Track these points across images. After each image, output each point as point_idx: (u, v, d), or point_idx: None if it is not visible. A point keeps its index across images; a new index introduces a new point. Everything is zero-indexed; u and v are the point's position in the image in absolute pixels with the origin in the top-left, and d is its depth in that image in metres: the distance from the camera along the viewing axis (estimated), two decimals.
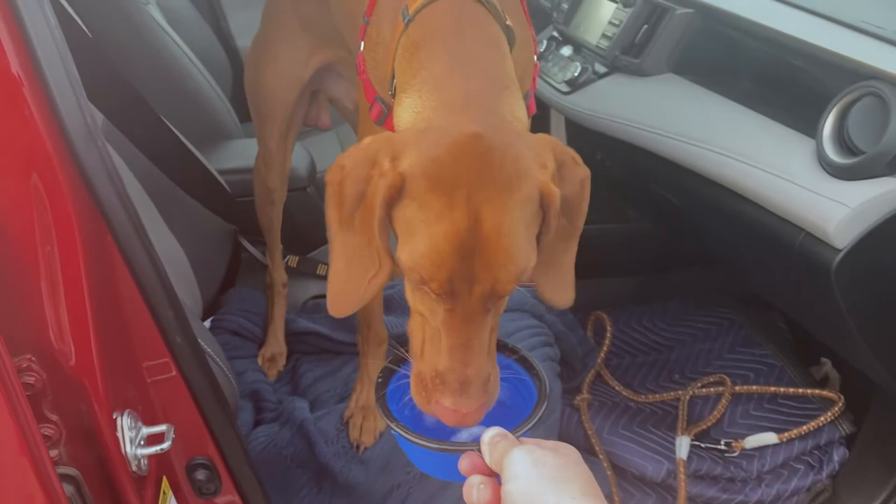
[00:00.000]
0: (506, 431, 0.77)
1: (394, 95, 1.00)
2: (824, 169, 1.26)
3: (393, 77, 1.00)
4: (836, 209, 1.21)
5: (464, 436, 0.90)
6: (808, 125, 1.33)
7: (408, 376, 0.94)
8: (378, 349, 1.38)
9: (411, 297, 0.86)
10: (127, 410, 0.92)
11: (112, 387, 0.89)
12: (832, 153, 1.25)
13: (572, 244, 0.94)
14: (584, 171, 0.91)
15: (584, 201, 0.92)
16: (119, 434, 0.90)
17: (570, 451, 0.73)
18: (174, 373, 0.99)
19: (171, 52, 2.01)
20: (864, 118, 1.23)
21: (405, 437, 0.84)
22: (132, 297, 0.93)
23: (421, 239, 0.79)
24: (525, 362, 0.94)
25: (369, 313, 1.35)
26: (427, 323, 0.84)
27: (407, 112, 0.92)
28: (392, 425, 0.86)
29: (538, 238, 0.85)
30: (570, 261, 0.94)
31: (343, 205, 0.86)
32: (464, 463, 0.77)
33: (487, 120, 0.85)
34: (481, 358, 0.82)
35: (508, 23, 1.00)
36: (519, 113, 0.94)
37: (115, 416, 0.89)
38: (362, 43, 1.13)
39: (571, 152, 0.91)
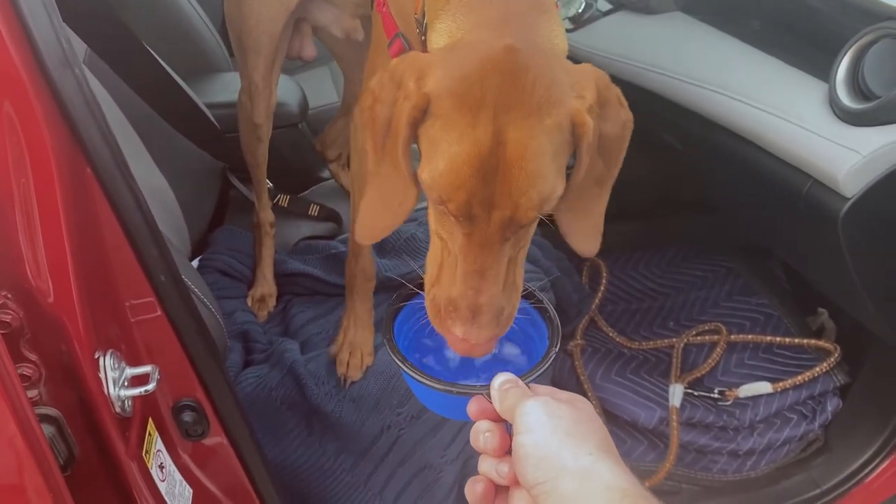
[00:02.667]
0: (516, 378, 0.74)
1: (423, 33, 0.95)
2: (836, 114, 1.22)
3: (423, 15, 0.94)
4: (846, 156, 1.17)
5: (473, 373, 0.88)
6: (821, 68, 1.27)
7: (415, 311, 0.92)
8: (365, 285, 1.35)
9: (432, 219, 0.84)
10: (109, 350, 0.89)
11: (93, 325, 0.86)
12: (845, 98, 1.21)
13: (605, 190, 0.90)
14: (627, 114, 0.87)
15: (623, 145, 0.87)
16: (101, 374, 0.87)
17: (585, 405, 0.71)
18: (159, 312, 0.96)
19: None
20: (881, 61, 1.18)
21: (412, 376, 0.81)
22: (114, 234, 0.89)
23: (442, 157, 0.75)
24: (533, 298, 0.91)
25: (358, 248, 1.32)
26: (446, 247, 0.81)
27: (440, 36, 0.88)
28: (399, 363, 0.83)
29: (568, 174, 0.81)
30: (601, 208, 0.90)
31: (376, 130, 0.84)
32: (472, 407, 0.75)
33: (525, 38, 0.79)
34: (495, 287, 0.79)
35: None
36: (559, 39, 0.89)
37: (97, 356, 0.86)
38: None
39: (618, 91, 0.86)
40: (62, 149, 0.81)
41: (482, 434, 0.72)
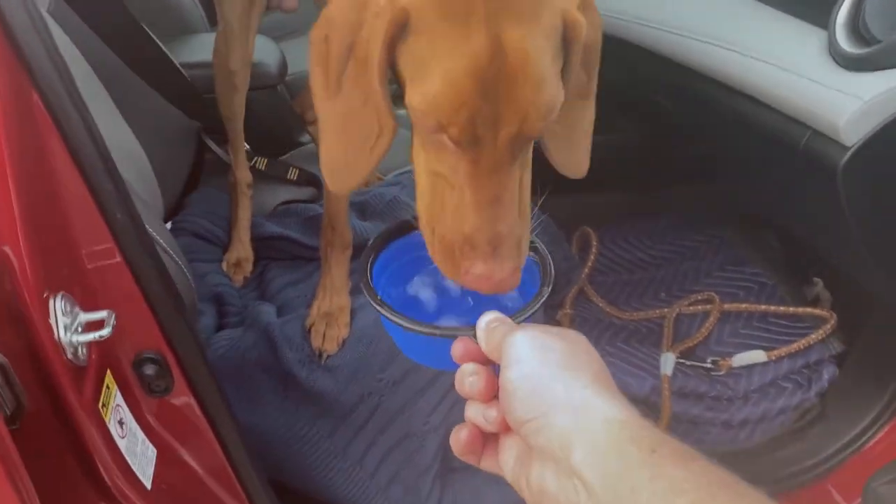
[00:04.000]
0: (504, 316, 0.68)
1: None
2: (836, 60, 1.16)
3: None
4: (847, 103, 1.12)
5: (454, 321, 0.81)
6: (819, 16, 1.22)
7: (401, 251, 0.85)
8: (342, 254, 1.29)
9: (423, 154, 0.75)
10: (61, 293, 0.83)
11: (42, 266, 0.79)
12: (845, 43, 1.15)
13: (590, 103, 0.84)
14: (599, 18, 0.81)
15: (599, 51, 0.81)
16: (52, 319, 0.81)
17: (579, 338, 0.64)
18: (118, 258, 0.90)
19: None
20: (882, 4, 1.13)
21: (391, 320, 0.75)
22: (66, 168, 0.83)
23: (435, 77, 0.67)
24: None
25: (335, 213, 1.25)
26: (445, 181, 0.73)
27: None
28: (378, 307, 0.76)
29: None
30: (588, 122, 0.85)
31: (330, 64, 0.75)
32: (457, 348, 0.68)
33: None
34: (513, 213, 0.72)
35: None
36: None
37: (46, 295, 0.80)
38: None
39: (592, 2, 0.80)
40: (5, 71, 0.75)
41: (468, 377, 0.65)
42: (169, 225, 1.56)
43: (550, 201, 0.94)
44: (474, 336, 0.68)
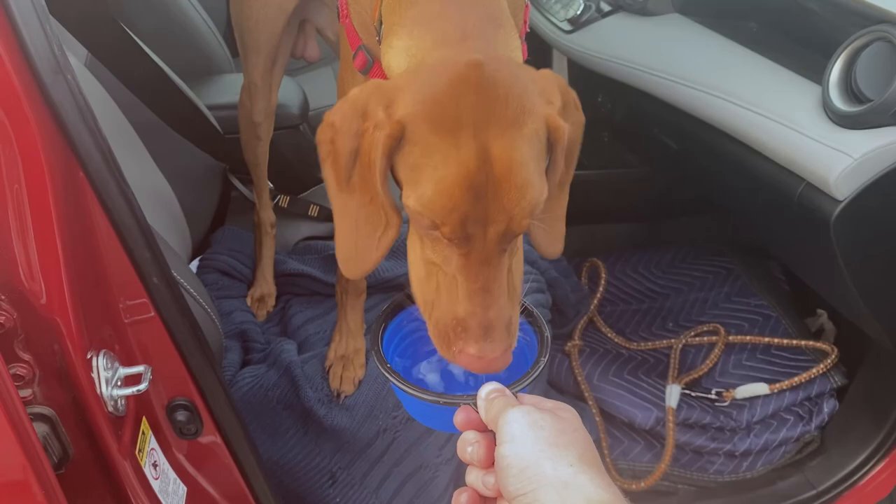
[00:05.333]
0: (503, 387, 0.75)
1: (381, 42, 0.95)
2: (829, 117, 1.22)
3: (380, 23, 0.95)
4: (838, 159, 1.17)
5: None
6: (815, 71, 1.28)
7: (405, 322, 0.92)
8: (356, 300, 1.36)
9: (418, 246, 0.83)
10: (103, 350, 0.91)
11: (86, 326, 0.88)
12: (838, 100, 1.21)
13: (565, 192, 0.91)
14: (582, 116, 0.89)
15: (579, 145, 0.89)
16: (94, 374, 0.89)
17: (570, 415, 0.71)
18: (152, 313, 0.98)
19: None
20: (873, 64, 1.18)
21: (400, 388, 0.82)
22: (107, 236, 0.91)
23: (429, 182, 0.75)
24: (526, 312, 0.92)
25: None
26: (439, 270, 0.81)
27: (399, 56, 0.88)
28: (387, 374, 0.84)
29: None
30: (562, 209, 0.92)
31: (339, 164, 0.83)
32: (459, 417, 0.75)
33: (486, 53, 0.80)
34: (502, 300, 0.79)
35: None
36: (516, 52, 0.90)
37: (89, 356, 0.88)
38: None
39: (574, 94, 0.88)
40: (55, 153, 0.83)
41: (469, 445, 0.72)
42: (197, 262, 1.64)
43: None
44: (475, 405, 0.75)
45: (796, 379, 1.64)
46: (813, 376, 1.63)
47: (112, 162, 0.87)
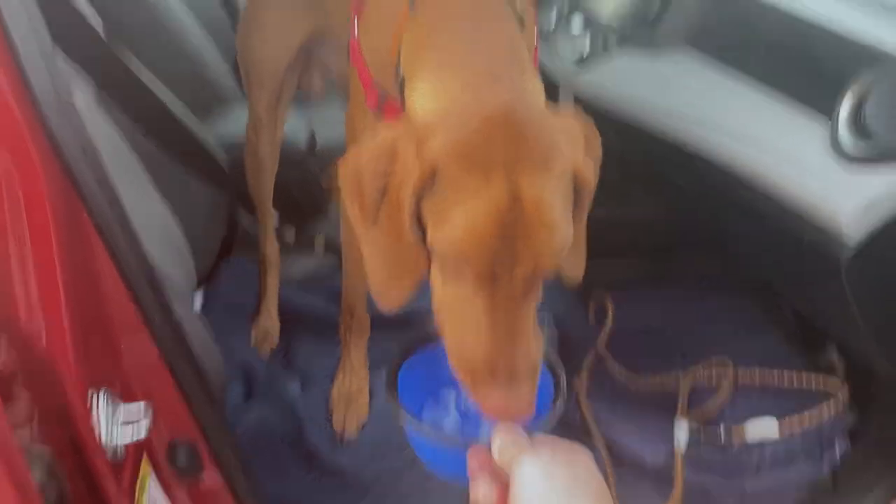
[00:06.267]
0: (518, 429, 0.74)
1: (399, 85, 0.96)
2: (839, 155, 1.21)
3: (398, 65, 0.96)
4: (849, 200, 1.16)
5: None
6: (825, 103, 1.26)
7: (418, 363, 0.91)
8: (360, 337, 1.35)
9: (442, 286, 0.82)
10: (102, 389, 0.89)
11: (86, 367, 0.87)
12: (848, 138, 1.20)
13: (584, 223, 0.91)
14: (599, 150, 0.90)
15: (596, 180, 0.89)
16: (94, 415, 0.88)
17: (585, 458, 0.70)
18: (154, 353, 0.97)
19: (172, 15, 1.96)
20: (884, 102, 1.17)
21: (413, 429, 0.82)
22: (109, 275, 0.90)
23: (458, 221, 0.75)
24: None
25: (353, 301, 1.31)
26: (465, 311, 0.80)
27: (426, 98, 0.88)
28: (401, 417, 0.83)
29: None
30: (582, 239, 0.93)
31: (364, 202, 0.83)
32: (472, 461, 0.74)
33: (515, 95, 0.81)
34: (528, 343, 0.79)
35: (518, 8, 0.96)
36: (539, 94, 0.91)
37: (90, 396, 0.87)
38: (356, 27, 1.08)
39: (594, 130, 0.89)
40: (58, 194, 0.82)
41: (482, 488, 0.71)
42: (201, 296, 1.63)
43: None
44: (489, 446, 0.73)
45: (807, 416, 1.61)
46: (824, 413, 1.60)
47: (115, 201, 0.86)
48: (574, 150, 0.81)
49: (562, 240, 0.77)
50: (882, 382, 1.57)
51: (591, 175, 0.81)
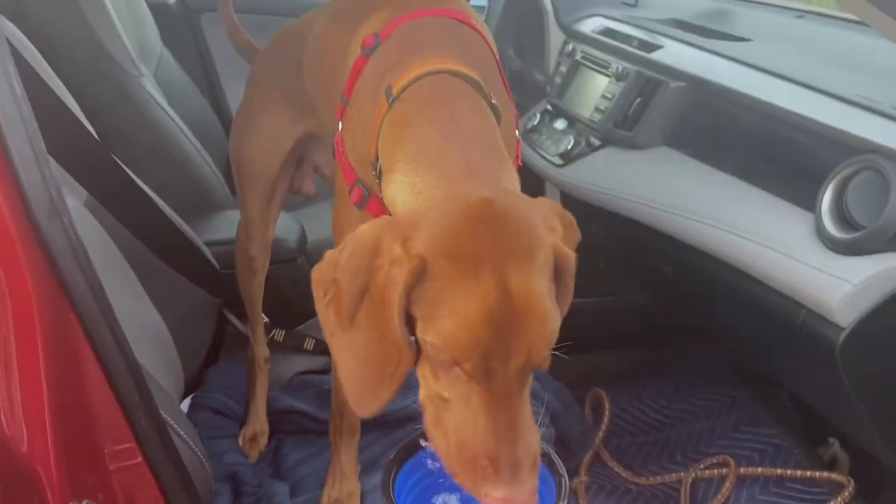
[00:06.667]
0: None
1: (378, 177, 0.97)
2: (824, 244, 1.22)
3: (377, 158, 0.97)
4: (838, 285, 1.17)
5: None
6: (805, 199, 1.30)
7: (414, 468, 0.89)
8: (350, 439, 1.32)
9: (434, 383, 0.80)
10: (85, 501, 0.86)
11: (69, 475, 0.83)
12: (832, 228, 1.22)
13: (569, 300, 0.90)
14: (578, 234, 0.91)
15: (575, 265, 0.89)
16: None
17: None
18: (139, 459, 0.94)
19: (164, 125, 2.01)
20: (864, 192, 1.20)
21: None
22: (96, 378, 0.88)
23: (450, 318, 0.75)
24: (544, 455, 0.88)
25: (342, 402, 1.28)
26: (458, 408, 0.78)
27: (403, 191, 0.89)
28: None
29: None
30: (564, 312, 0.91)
31: (342, 303, 0.81)
32: None
33: (493, 187, 0.82)
34: (527, 434, 0.78)
35: (494, 101, 0.99)
36: (516, 185, 0.92)
37: None
38: (340, 124, 1.10)
39: (570, 216, 0.90)
40: (46, 296, 0.81)
41: None
42: (189, 400, 1.59)
43: (560, 361, 0.99)
44: None
45: None
46: None
47: (105, 304, 0.85)
48: (553, 235, 0.82)
49: (553, 328, 0.77)
50: (889, 474, 1.53)
51: (571, 256, 0.82)
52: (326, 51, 1.23)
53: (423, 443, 0.88)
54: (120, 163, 1.43)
